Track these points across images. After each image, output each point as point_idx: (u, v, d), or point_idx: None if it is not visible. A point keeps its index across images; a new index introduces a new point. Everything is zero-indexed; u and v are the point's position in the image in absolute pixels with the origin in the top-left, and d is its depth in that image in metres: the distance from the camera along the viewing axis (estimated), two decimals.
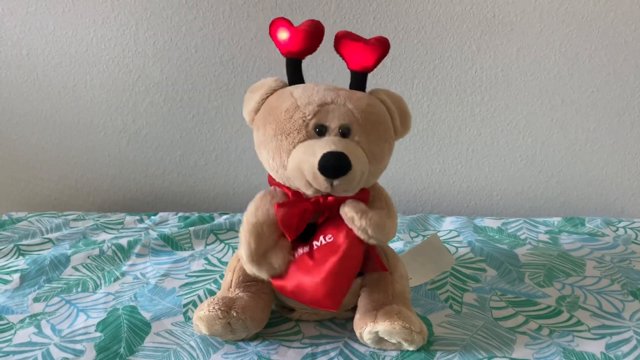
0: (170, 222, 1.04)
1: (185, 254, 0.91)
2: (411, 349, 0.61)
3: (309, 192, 0.61)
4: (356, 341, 0.64)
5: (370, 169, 0.61)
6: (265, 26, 0.64)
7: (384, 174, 0.66)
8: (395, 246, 0.92)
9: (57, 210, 1.17)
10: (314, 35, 0.63)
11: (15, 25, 1.08)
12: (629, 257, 0.89)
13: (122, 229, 1.01)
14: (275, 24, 0.65)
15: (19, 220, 1.02)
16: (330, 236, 0.61)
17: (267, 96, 0.64)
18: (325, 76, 1.10)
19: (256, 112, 0.64)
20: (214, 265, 0.86)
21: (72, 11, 1.07)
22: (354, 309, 0.66)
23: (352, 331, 0.65)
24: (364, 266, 0.63)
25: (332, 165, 0.57)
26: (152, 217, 1.06)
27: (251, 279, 0.66)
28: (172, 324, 0.68)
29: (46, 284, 0.79)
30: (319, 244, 0.61)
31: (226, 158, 1.17)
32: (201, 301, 0.73)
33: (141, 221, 1.04)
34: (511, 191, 1.18)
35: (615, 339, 0.65)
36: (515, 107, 1.13)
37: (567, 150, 1.15)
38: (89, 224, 1.02)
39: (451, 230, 1.01)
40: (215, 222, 1.01)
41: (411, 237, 0.98)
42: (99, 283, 0.80)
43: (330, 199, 0.61)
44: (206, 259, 0.89)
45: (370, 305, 0.63)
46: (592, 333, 0.67)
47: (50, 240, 0.93)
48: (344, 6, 1.07)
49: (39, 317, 0.70)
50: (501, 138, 1.15)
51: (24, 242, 0.92)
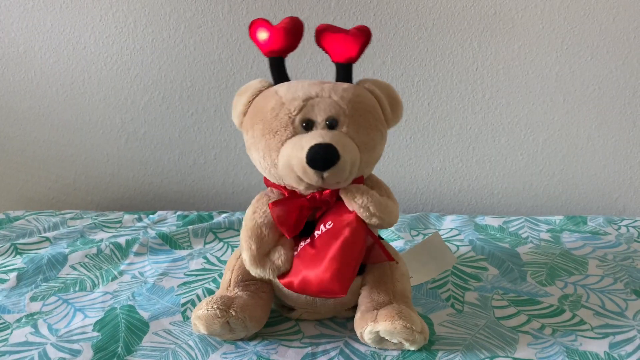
0: (169, 221, 1.03)
1: (184, 252, 0.90)
2: (412, 348, 0.61)
3: (302, 187, 0.61)
4: (357, 341, 0.63)
5: (362, 158, 0.61)
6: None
7: (384, 172, 0.65)
8: (396, 245, 0.92)
9: (55, 209, 1.16)
10: (293, 32, 0.63)
11: (12, 23, 1.07)
12: (631, 256, 0.88)
13: (120, 227, 1.00)
14: (254, 25, 0.64)
15: (16, 219, 1.01)
16: (330, 222, 0.60)
17: (253, 98, 0.64)
18: (325, 73, 1.09)
19: (244, 115, 0.64)
20: (213, 264, 0.86)
21: (69, 8, 1.06)
22: (354, 308, 0.65)
23: (352, 331, 0.64)
24: (368, 257, 0.63)
25: (320, 157, 0.56)
26: (151, 216, 1.05)
27: (250, 278, 0.65)
28: (170, 323, 0.67)
29: (43, 283, 0.78)
30: (319, 232, 0.61)
31: (225, 156, 1.16)
32: (200, 300, 0.72)
33: (140, 220, 1.04)
34: (512, 189, 1.18)
35: (619, 338, 0.65)
36: (517, 104, 1.12)
37: (569, 148, 1.15)
38: (87, 222, 1.01)
39: (452, 229, 1.00)
40: (215, 221, 1.01)
41: (412, 236, 0.97)
42: (96, 282, 0.79)
43: (326, 193, 0.61)
44: (205, 257, 0.88)
45: (370, 304, 0.62)
46: (595, 332, 0.66)
47: (47, 239, 0.93)
48: (344, 3, 1.06)
49: (35, 317, 0.69)
50: (502, 136, 1.14)
51: (21, 240, 0.91)
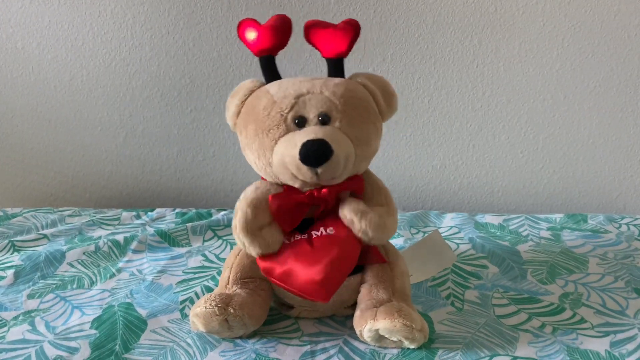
0: (168, 218, 1.02)
1: (183, 250, 0.89)
2: (412, 346, 0.60)
3: (297, 184, 0.60)
4: (356, 339, 0.63)
5: (357, 152, 0.60)
6: (264, 20, 0.64)
7: (384, 170, 0.65)
8: (396, 243, 0.91)
9: (53, 206, 1.16)
10: (281, 29, 0.62)
11: (10, 19, 1.06)
12: (632, 254, 0.88)
13: (118, 225, 1.00)
14: (242, 26, 0.64)
15: (14, 215, 1.01)
16: (332, 229, 0.60)
17: (246, 98, 0.63)
18: (324, 70, 1.08)
19: (237, 116, 0.64)
20: (212, 262, 0.85)
21: (67, 4, 1.06)
22: (353, 306, 0.65)
23: (351, 329, 0.63)
24: (363, 258, 0.62)
25: (313, 154, 0.56)
26: (149, 213, 1.05)
27: (249, 276, 0.65)
28: (168, 321, 0.67)
29: (41, 281, 0.78)
30: (319, 233, 0.60)
31: (224, 154, 1.15)
32: (198, 298, 0.72)
33: (138, 217, 1.03)
34: (513, 187, 1.17)
35: (620, 336, 0.64)
36: (517, 102, 1.12)
37: (570, 146, 1.14)
38: (85, 219, 1.00)
39: (452, 227, 1.00)
40: (213, 218, 1.00)
41: (412, 234, 0.97)
42: (94, 279, 0.78)
43: (325, 190, 0.60)
44: (204, 255, 0.87)
45: (370, 302, 0.62)
46: (596, 331, 0.66)
47: (45, 236, 0.92)
48: (343, 0, 1.06)
49: (33, 314, 0.68)
50: (502, 134, 1.14)
51: (18, 238, 0.91)
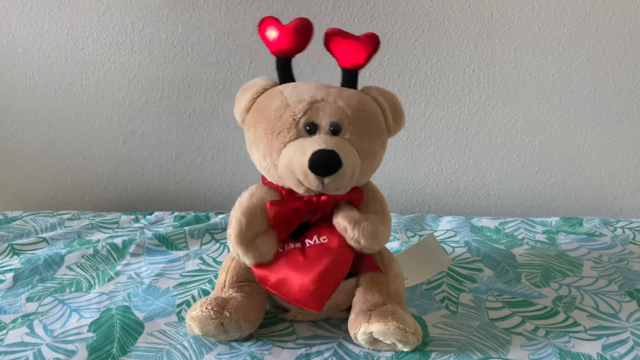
0: (166, 222, 1.03)
1: (180, 253, 0.90)
2: (406, 349, 0.61)
3: (301, 190, 0.61)
4: (350, 342, 0.64)
5: (362, 166, 0.61)
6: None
7: (380, 173, 0.65)
8: (392, 246, 0.92)
9: (53, 209, 1.16)
10: (303, 33, 0.62)
11: (10, 24, 1.07)
12: (626, 258, 0.89)
13: (117, 228, 1.00)
14: (264, 23, 0.64)
15: (13, 219, 1.01)
16: (325, 238, 0.60)
17: (258, 96, 0.63)
18: (322, 75, 1.09)
19: (247, 112, 0.64)
20: (209, 265, 0.86)
21: (67, 9, 1.07)
22: (348, 309, 0.65)
23: (346, 332, 0.64)
24: (357, 267, 0.63)
25: (323, 163, 0.56)
26: (148, 217, 1.05)
27: (245, 279, 0.65)
28: (165, 324, 0.68)
29: (39, 284, 0.78)
30: (312, 242, 0.61)
31: (222, 157, 1.16)
32: (195, 301, 0.72)
33: (137, 220, 1.04)
34: (509, 191, 1.18)
35: (612, 339, 0.65)
36: (513, 106, 1.12)
37: (565, 149, 1.15)
38: (84, 223, 1.01)
39: (448, 230, 1.00)
40: (211, 222, 1.01)
41: (408, 237, 0.98)
42: (92, 283, 0.79)
43: (324, 198, 0.61)
44: (201, 258, 0.88)
45: (364, 305, 0.63)
46: (589, 334, 0.66)
47: (44, 239, 0.93)
48: (340, 4, 1.07)
49: (31, 317, 0.69)
50: (499, 137, 1.15)
51: (18, 241, 0.92)
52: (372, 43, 0.62)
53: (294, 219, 0.62)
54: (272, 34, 0.63)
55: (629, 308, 0.72)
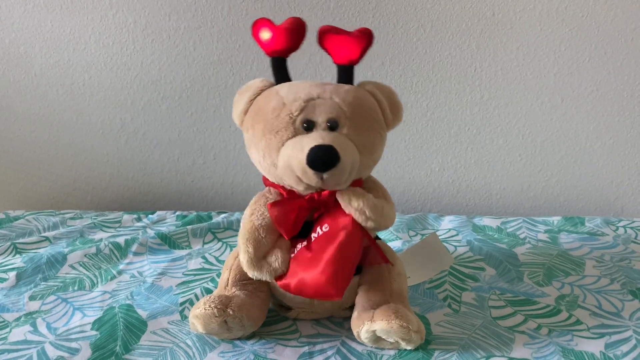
0: (168, 221, 1.03)
1: (183, 252, 0.90)
2: (409, 348, 0.61)
3: (301, 188, 0.61)
4: (353, 340, 0.64)
5: (362, 160, 0.61)
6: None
7: (382, 172, 0.66)
8: (394, 245, 0.92)
9: (55, 208, 1.17)
10: (296, 32, 0.63)
11: (13, 24, 1.07)
12: (628, 257, 0.89)
13: (119, 227, 1.00)
14: (257, 25, 0.65)
15: (16, 218, 1.02)
16: (327, 226, 0.61)
17: (255, 97, 0.64)
18: (324, 75, 1.09)
19: (245, 114, 0.65)
20: (212, 264, 0.86)
21: (70, 9, 1.07)
22: (351, 307, 0.66)
23: (349, 330, 0.64)
24: (364, 259, 0.63)
25: (321, 159, 0.57)
26: (150, 216, 1.05)
27: (248, 278, 0.65)
28: (168, 322, 0.68)
29: (42, 282, 0.78)
30: (316, 235, 0.61)
31: (224, 157, 1.16)
32: (198, 300, 0.72)
33: (139, 220, 1.04)
34: (510, 190, 1.18)
35: (615, 338, 0.65)
36: (515, 105, 1.13)
37: (567, 149, 1.15)
38: (86, 222, 1.01)
39: (450, 230, 1.01)
40: (213, 221, 1.01)
41: (410, 236, 0.98)
42: (95, 281, 0.79)
43: (325, 194, 0.61)
44: (204, 257, 0.88)
45: (367, 303, 0.63)
46: (591, 332, 0.66)
47: (47, 238, 0.93)
48: (343, 4, 1.07)
49: (34, 316, 0.69)
50: (500, 137, 1.15)
51: (20, 240, 0.92)
52: (365, 37, 0.62)
53: (297, 218, 0.62)
54: (265, 35, 0.64)
55: (631, 307, 0.72)
